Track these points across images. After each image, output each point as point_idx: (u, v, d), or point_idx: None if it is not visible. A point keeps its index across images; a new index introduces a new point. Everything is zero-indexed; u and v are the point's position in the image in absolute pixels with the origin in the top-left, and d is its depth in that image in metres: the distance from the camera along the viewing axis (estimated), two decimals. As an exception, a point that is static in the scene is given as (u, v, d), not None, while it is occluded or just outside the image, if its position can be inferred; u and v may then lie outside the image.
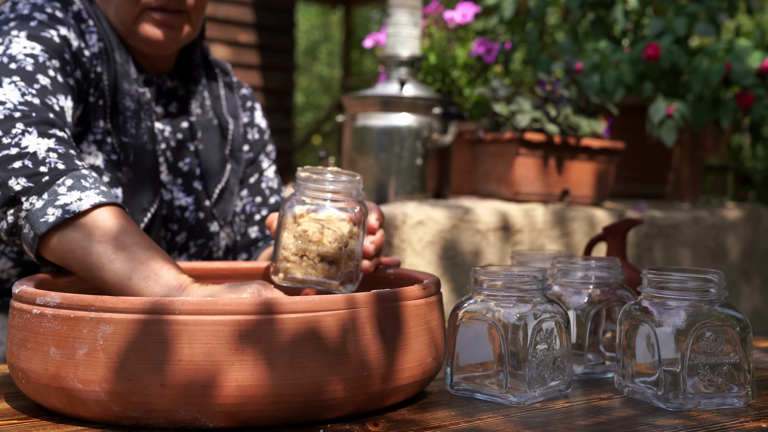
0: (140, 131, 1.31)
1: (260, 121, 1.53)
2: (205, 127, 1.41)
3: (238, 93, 1.51)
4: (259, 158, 1.50)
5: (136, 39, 1.32)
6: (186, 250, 1.39)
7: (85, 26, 1.29)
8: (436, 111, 2.27)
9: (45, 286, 0.98)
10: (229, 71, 1.52)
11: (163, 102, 1.40)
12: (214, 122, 1.43)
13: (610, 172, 2.44)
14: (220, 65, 1.51)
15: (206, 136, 1.41)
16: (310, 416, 0.83)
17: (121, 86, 1.30)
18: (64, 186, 1.03)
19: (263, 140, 1.52)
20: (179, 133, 1.40)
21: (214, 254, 1.43)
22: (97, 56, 1.29)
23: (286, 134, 5.65)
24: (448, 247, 2.08)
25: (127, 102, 1.30)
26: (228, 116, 1.45)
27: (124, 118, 1.30)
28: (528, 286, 0.94)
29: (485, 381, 0.95)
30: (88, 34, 1.29)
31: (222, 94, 1.47)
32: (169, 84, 1.42)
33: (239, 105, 1.50)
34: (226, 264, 1.20)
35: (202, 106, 1.42)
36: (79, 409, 0.83)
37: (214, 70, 1.48)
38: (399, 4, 2.33)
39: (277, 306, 0.81)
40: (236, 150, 1.45)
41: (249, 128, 1.50)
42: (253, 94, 1.55)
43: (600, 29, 2.94)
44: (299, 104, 11.61)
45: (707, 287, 0.93)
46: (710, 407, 0.92)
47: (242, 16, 5.39)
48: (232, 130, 1.44)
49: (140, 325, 0.79)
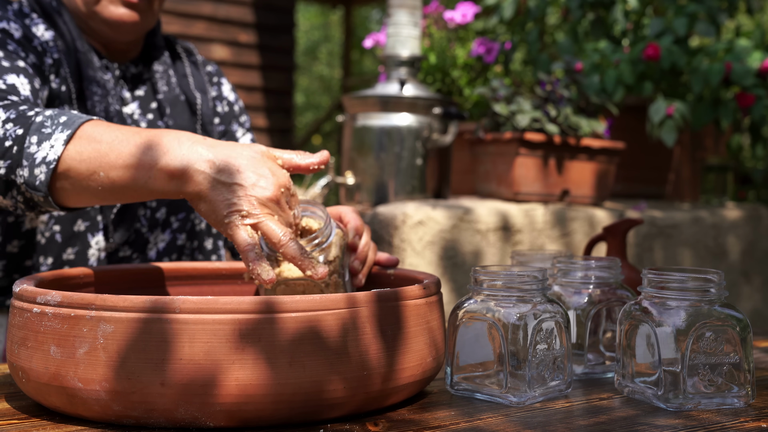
0: (110, 114, 1.34)
1: (228, 94, 1.57)
2: (173, 103, 1.45)
3: (204, 69, 1.55)
4: (232, 128, 1.54)
5: (98, 21, 1.35)
6: (168, 226, 1.40)
7: (29, 20, 1.33)
8: (436, 111, 2.27)
9: (45, 285, 0.98)
10: (194, 51, 1.56)
11: (129, 87, 1.44)
12: (182, 98, 1.46)
13: (610, 172, 2.44)
14: (183, 45, 1.55)
15: (175, 111, 1.44)
16: (310, 416, 0.83)
17: (86, 73, 1.33)
18: (33, 145, 1.02)
19: (233, 111, 1.56)
20: (149, 113, 1.44)
21: (197, 227, 1.44)
22: (50, 45, 1.32)
23: (286, 134, 5.65)
24: (448, 247, 2.08)
25: (93, 87, 1.33)
26: (196, 91, 1.49)
27: (92, 103, 1.33)
28: (528, 286, 0.94)
29: (485, 381, 0.95)
30: (33, 26, 1.32)
31: (188, 72, 1.51)
32: (133, 70, 1.45)
33: (206, 81, 1.53)
34: (226, 264, 1.20)
35: (168, 84, 1.46)
36: (79, 408, 0.83)
37: (177, 51, 1.52)
38: (399, 4, 2.33)
39: (278, 305, 0.81)
40: (207, 124, 1.48)
41: (218, 102, 1.54)
42: (219, 70, 1.59)
43: (600, 29, 2.93)
44: (299, 104, 11.61)
45: (707, 287, 0.93)
46: (710, 407, 0.92)
47: (242, 16, 5.39)
48: (200, 104, 1.48)
49: (140, 323, 0.79)
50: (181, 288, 1.17)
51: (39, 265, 1.31)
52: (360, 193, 2.27)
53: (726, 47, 2.66)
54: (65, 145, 1.00)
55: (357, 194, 2.28)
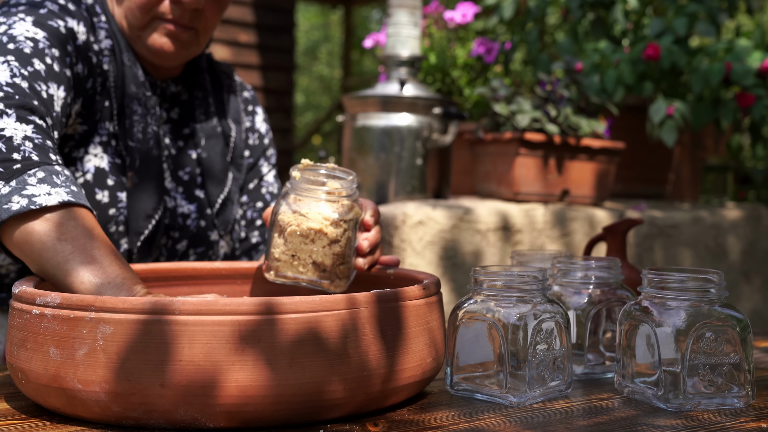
0: (147, 136, 1.29)
1: (261, 126, 1.51)
2: (209, 135, 1.40)
3: (240, 96, 1.49)
4: (259, 163, 1.49)
5: (140, 46, 1.30)
6: (186, 258, 1.38)
7: (97, 20, 1.28)
8: (436, 111, 2.27)
9: (45, 287, 0.98)
10: (232, 74, 1.51)
11: (165, 107, 1.39)
12: (218, 129, 1.41)
13: (610, 172, 2.44)
14: (223, 68, 1.49)
15: (209, 144, 1.39)
16: (310, 416, 0.83)
17: (128, 89, 1.29)
18: (35, 177, 1.01)
19: (263, 145, 1.50)
20: (180, 140, 1.39)
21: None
22: (106, 53, 1.27)
23: (286, 134, 5.65)
24: (448, 247, 2.08)
25: (134, 105, 1.29)
26: (231, 122, 1.43)
27: (131, 122, 1.28)
28: (528, 286, 0.94)
29: (485, 381, 0.95)
30: (98, 29, 1.27)
31: (225, 98, 1.45)
32: (173, 89, 1.40)
33: (242, 109, 1.48)
34: (226, 264, 1.20)
35: (206, 113, 1.41)
36: (78, 409, 0.83)
37: (218, 74, 1.46)
38: (399, 4, 2.33)
39: (277, 306, 0.81)
40: (237, 157, 1.43)
41: (250, 133, 1.49)
42: (255, 97, 1.53)
43: (600, 29, 2.93)
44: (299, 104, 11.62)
45: (707, 287, 0.93)
46: (710, 407, 0.92)
47: (242, 16, 5.39)
48: (235, 137, 1.43)
49: (140, 325, 0.79)
50: (181, 288, 1.17)
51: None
52: (360, 193, 2.27)
53: (726, 47, 2.66)
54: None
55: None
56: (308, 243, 1.04)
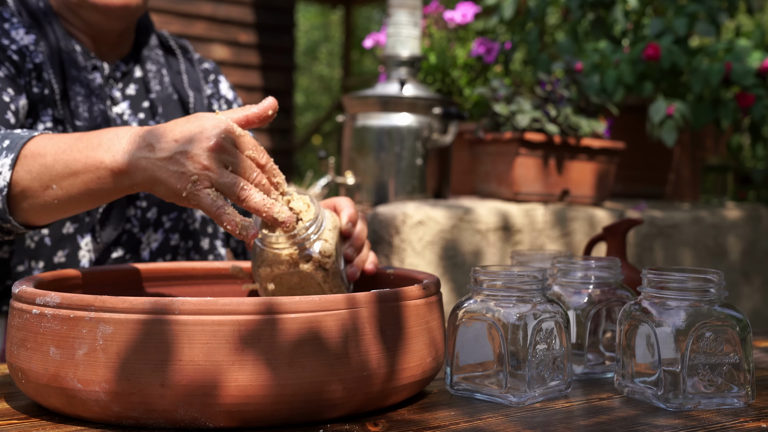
0: (93, 114, 1.33)
1: (226, 92, 1.55)
2: (165, 102, 1.44)
3: (199, 67, 1.54)
4: None
5: (87, 7, 1.34)
6: (160, 226, 1.39)
7: (8, 25, 1.33)
8: (436, 111, 2.27)
9: (44, 286, 0.98)
10: (189, 48, 1.55)
11: (120, 87, 1.43)
12: (174, 97, 1.45)
13: (610, 172, 2.44)
14: (179, 43, 1.54)
15: (167, 110, 1.43)
16: (310, 416, 0.83)
17: (69, 73, 1.32)
18: None
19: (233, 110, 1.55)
20: (140, 112, 1.43)
21: (190, 226, 1.43)
22: (30, 49, 1.31)
23: (286, 134, 5.65)
24: (448, 247, 2.08)
25: (77, 88, 1.33)
26: (189, 89, 1.47)
27: (75, 104, 1.32)
28: (528, 286, 0.94)
29: (485, 381, 0.95)
30: (13, 31, 1.32)
31: (182, 69, 1.49)
32: (123, 68, 1.44)
33: (201, 78, 1.52)
34: (225, 264, 1.20)
35: (161, 83, 1.45)
36: (78, 409, 0.83)
37: (172, 49, 1.51)
38: (399, 4, 2.33)
39: (277, 306, 0.81)
40: None
41: (213, 100, 1.53)
42: (217, 68, 1.57)
43: (600, 29, 2.93)
44: (299, 104, 11.61)
45: (707, 287, 0.93)
46: (710, 407, 0.92)
47: (242, 16, 5.39)
48: (193, 102, 1.46)
49: (140, 325, 0.79)
50: (181, 288, 1.17)
51: (31, 269, 1.31)
52: (360, 193, 2.27)
53: (726, 47, 2.66)
54: (12, 169, 1.01)
55: (357, 194, 2.28)
56: (294, 283, 1.06)
